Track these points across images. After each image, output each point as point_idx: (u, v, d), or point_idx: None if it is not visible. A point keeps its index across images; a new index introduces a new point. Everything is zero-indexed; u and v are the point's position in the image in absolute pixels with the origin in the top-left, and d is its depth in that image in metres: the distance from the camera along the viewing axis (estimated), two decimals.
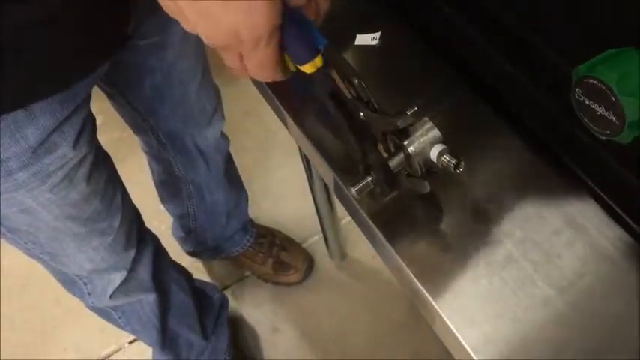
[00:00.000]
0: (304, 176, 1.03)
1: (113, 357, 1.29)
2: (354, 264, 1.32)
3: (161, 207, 1.20)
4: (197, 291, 1.09)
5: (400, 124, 0.43)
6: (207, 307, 1.12)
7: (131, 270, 0.86)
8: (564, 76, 0.40)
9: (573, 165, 0.47)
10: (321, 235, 1.24)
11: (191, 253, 1.30)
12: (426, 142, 0.43)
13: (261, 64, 0.41)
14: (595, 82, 0.34)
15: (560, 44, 0.45)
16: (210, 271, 1.36)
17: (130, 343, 1.29)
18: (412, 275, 0.44)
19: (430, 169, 0.45)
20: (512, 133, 0.50)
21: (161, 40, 0.77)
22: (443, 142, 0.43)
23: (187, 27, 0.39)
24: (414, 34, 0.58)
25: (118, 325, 0.99)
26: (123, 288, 0.87)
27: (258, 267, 1.30)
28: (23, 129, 0.58)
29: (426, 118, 0.43)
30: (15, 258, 1.40)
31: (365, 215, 0.48)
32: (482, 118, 0.52)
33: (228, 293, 1.32)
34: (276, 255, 1.29)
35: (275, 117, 0.60)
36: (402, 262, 0.45)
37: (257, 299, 1.31)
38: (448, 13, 0.55)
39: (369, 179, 0.44)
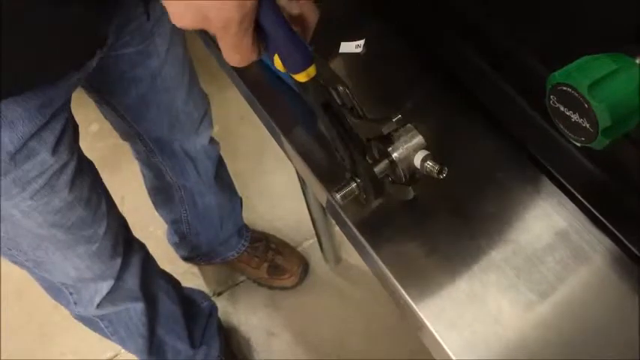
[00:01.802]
0: None
1: None
2: (349, 268, 1.32)
3: (157, 212, 1.20)
4: (186, 299, 1.09)
5: (385, 130, 0.43)
6: (196, 316, 1.12)
7: (118, 279, 0.86)
8: (543, 82, 0.40)
9: (554, 170, 0.47)
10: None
11: (186, 259, 1.30)
12: (410, 148, 0.43)
13: (233, 47, 0.40)
14: (568, 89, 0.35)
15: (541, 50, 0.46)
16: (205, 277, 1.37)
17: None
18: (394, 280, 0.45)
19: (414, 175, 0.45)
20: (496, 138, 0.51)
21: (145, 48, 0.77)
22: (426, 148, 0.44)
23: (163, 2, 0.39)
24: (397, 40, 0.59)
25: (105, 335, 0.98)
26: (110, 297, 0.86)
27: (254, 271, 1.30)
28: (0, 135, 0.58)
29: (409, 125, 0.44)
30: (13, 264, 1.41)
31: (348, 220, 0.48)
32: (466, 123, 0.52)
33: (223, 299, 1.32)
34: (272, 259, 1.29)
35: None
36: (384, 267, 0.45)
37: (252, 304, 1.32)
38: (432, 21, 0.55)
39: (354, 185, 0.45)
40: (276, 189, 1.47)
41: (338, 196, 0.45)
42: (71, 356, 1.32)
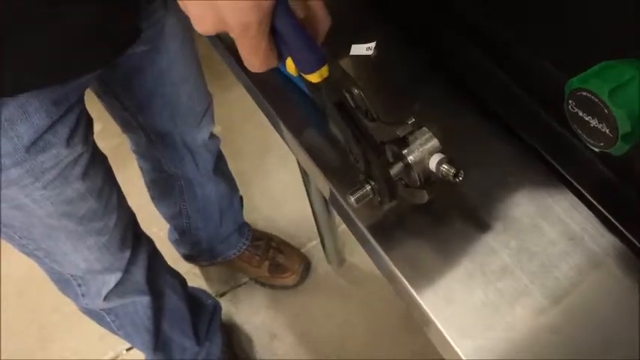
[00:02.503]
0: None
1: None
2: (352, 269, 1.32)
3: (156, 209, 1.20)
4: (191, 297, 1.09)
5: (400, 132, 0.43)
6: (201, 313, 1.13)
7: (126, 272, 0.86)
8: (560, 87, 0.40)
9: (568, 175, 0.47)
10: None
11: (188, 258, 1.30)
12: (425, 151, 0.43)
13: (253, 51, 0.40)
14: (588, 94, 0.35)
15: (556, 55, 0.46)
16: (207, 278, 1.37)
17: (128, 350, 1.29)
18: (407, 284, 0.44)
19: (428, 179, 0.45)
20: (508, 143, 0.50)
21: (156, 46, 0.78)
22: (441, 152, 0.43)
23: (181, 4, 0.39)
24: (408, 44, 0.58)
25: (111, 329, 0.98)
26: (117, 290, 0.87)
27: (255, 270, 1.30)
28: (17, 127, 0.59)
29: (424, 128, 0.43)
30: (13, 264, 1.41)
31: (360, 224, 0.48)
32: (477, 128, 0.52)
33: (225, 300, 1.32)
34: (273, 257, 1.29)
35: None
36: (397, 271, 0.45)
37: (255, 305, 1.31)
38: (442, 25, 0.55)
39: (368, 188, 0.44)
40: (280, 189, 1.46)
41: (352, 198, 0.44)
42: (71, 357, 1.31)
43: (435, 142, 0.43)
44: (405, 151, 0.43)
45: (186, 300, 1.06)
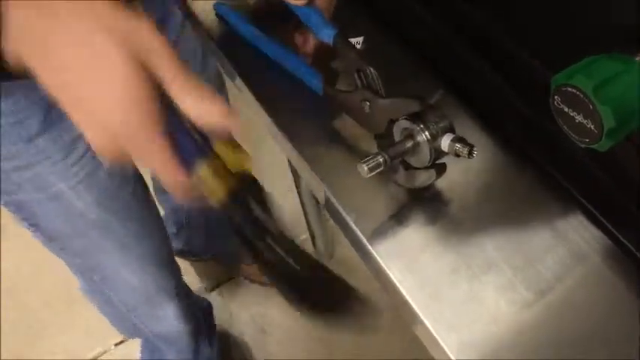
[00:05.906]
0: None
1: (99, 359, 1.29)
2: (341, 264, 1.32)
3: (157, 198, 1.19)
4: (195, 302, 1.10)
5: (418, 107, 0.43)
6: (205, 317, 1.14)
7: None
8: (546, 83, 0.40)
9: (553, 169, 0.47)
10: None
11: (179, 253, 1.29)
12: (439, 129, 0.43)
13: (159, 151, 0.40)
14: (573, 90, 0.35)
15: (543, 52, 0.46)
16: (198, 273, 1.36)
17: (116, 345, 1.28)
18: (393, 278, 0.45)
19: (437, 159, 0.45)
20: (494, 138, 0.51)
21: (160, 19, 0.77)
22: (453, 132, 0.43)
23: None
24: (397, 40, 0.58)
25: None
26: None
27: (245, 268, 1.30)
28: (40, 90, 0.58)
29: (437, 108, 0.43)
30: (2, 261, 1.39)
31: (345, 215, 0.48)
32: (463, 124, 0.52)
33: (216, 295, 1.32)
34: None
35: None
36: (383, 265, 0.45)
37: (245, 301, 1.31)
38: (429, 21, 0.55)
39: (381, 158, 0.43)
40: (270, 184, 1.46)
41: (366, 167, 0.43)
42: (60, 354, 1.31)
43: (447, 122, 0.43)
44: (420, 126, 0.43)
45: (199, 307, 1.08)
